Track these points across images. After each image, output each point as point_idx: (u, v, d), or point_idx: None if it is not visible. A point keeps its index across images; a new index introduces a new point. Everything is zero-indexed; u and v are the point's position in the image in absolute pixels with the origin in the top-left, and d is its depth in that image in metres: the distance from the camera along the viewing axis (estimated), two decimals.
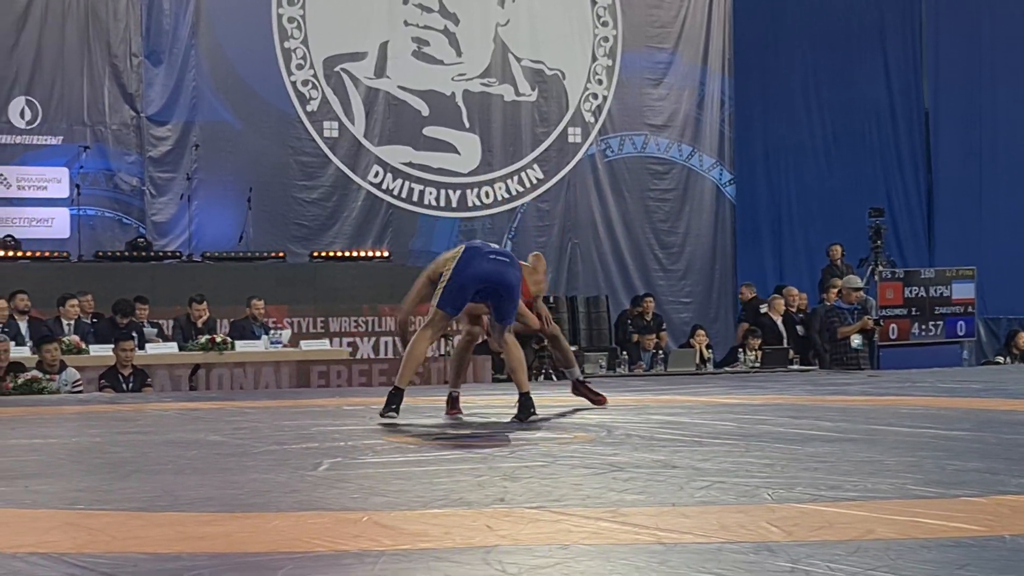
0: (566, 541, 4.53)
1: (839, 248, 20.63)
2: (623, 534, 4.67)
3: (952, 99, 24.61)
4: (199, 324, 16.76)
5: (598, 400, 10.43)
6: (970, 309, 18.26)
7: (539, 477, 6.21)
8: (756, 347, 18.50)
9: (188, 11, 20.12)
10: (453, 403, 9.79)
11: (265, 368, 15.74)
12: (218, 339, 15.93)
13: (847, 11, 24.59)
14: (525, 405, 9.27)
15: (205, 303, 16.90)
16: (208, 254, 18.99)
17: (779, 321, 19.26)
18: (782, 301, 19.53)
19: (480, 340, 10.41)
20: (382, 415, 9.21)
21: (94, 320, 16.64)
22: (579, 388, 10.54)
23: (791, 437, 7.92)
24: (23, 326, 16.02)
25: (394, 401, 9.25)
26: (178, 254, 19.11)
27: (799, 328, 19.26)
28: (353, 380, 15.97)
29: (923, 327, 17.79)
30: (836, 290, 18.55)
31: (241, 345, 16.07)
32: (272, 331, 16.86)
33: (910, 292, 17.82)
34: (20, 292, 16.23)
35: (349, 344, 17.98)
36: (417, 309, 10.00)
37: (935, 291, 17.94)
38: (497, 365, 15.81)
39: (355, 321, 18.62)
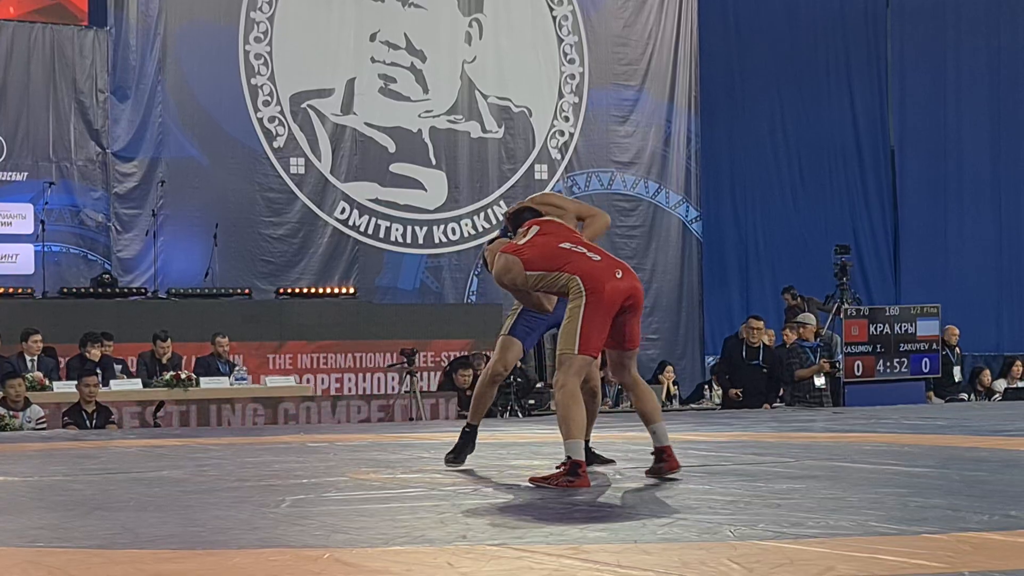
0: None
1: (787, 295, 20.54)
2: (584, 571, 4.65)
3: (917, 136, 24.76)
4: (163, 361, 16.72)
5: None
6: (935, 346, 18.32)
7: (502, 514, 6.19)
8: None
9: (155, 47, 20.09)
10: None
11: (230, 405, 15.68)
12: (183, 376, 15.90)
13: (813, 50, 24.73)
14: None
15: (170, 340, 16.86)
16: (173, 291, 18.89)
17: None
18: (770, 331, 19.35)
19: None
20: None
21: (47, 355, 16.51)
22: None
23: (755, 474, 7.92)
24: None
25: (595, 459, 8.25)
26: (143, 290, 19.03)
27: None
28: (319, 417, 15.89)
29: (888, 364, 17.84)
30: (794, 328, 18.52)
31: (206, 382, 16.04)
32: (237, 368, 16.84)
33: (875, 329, 17.85)
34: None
35: (308, 381, 18.02)
36: None
37: (900, 328, 17.98)
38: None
39: (320, 357, 18.62)
